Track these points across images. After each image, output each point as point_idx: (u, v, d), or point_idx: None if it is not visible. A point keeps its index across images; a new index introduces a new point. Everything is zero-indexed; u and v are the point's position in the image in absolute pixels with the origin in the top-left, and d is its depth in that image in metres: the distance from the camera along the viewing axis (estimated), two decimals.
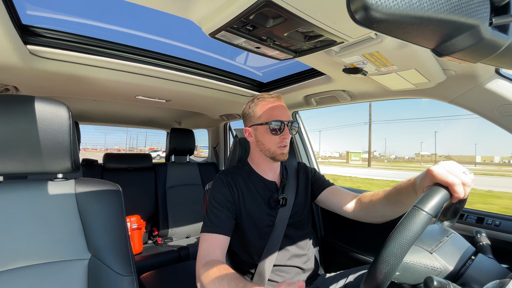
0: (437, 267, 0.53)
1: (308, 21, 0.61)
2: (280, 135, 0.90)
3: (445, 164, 0.58)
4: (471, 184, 0.57)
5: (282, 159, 0.93)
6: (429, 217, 0.47)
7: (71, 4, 1.29)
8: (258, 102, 0.96)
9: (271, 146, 0.92)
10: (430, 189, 0.52)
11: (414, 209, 0.48)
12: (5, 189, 0.73)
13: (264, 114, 0.93)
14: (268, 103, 0.94)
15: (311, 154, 1.84)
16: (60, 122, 0.75)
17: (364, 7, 0.24)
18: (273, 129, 0.90)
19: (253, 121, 0.96)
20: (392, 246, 0.45)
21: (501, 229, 0.94)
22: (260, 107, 0.94)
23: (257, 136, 0.95)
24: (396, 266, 0.45)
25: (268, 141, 0.92)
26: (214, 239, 0.81)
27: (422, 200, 0.49)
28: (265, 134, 0.92)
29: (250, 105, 0.98)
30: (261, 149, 0.94)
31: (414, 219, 0.46)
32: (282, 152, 0.92)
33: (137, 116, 2.79)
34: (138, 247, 1.87)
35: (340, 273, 0.99)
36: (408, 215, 0.48)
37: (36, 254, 0.72)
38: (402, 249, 0.45)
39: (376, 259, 0.46)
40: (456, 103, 1.02)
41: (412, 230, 0.46)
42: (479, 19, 0.28)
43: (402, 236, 0.45)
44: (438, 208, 0.49)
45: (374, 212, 0.85)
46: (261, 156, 0.97)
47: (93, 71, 1.18)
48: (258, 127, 0.94)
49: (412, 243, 0.45)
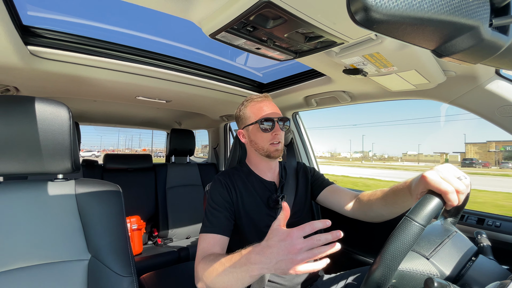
0: (433, 273, 0.53)
1: (308, 22, 0.62)
2: (271, 132, 0.93)
3: (440, 170, 0.56)
4: (466, 190, 0.55)
5: (277, 156, 0.95)
6: (421, 228, 0.47)
7: (72, 5, 1.30)
8: (247, 104, 0.98)
9: (264, 144, 0.93)
10: (423, 198, 0.52)
11: (406, 219, 0.48)
12: (5, 189, 0.73)
13: (253, 114, 0.95)
14: (256, 103, 0.97)
15: (311, 154, 1.83)
16: (61, 123, 0.75)
17: (364, 8, 0.24)
18: (263, 127, 0.92)
19: (244, 123, 0.98)
20: (385, 257, 0.46)
21: (501, 230, 0.94)
22: (249, 108, 0.97)
23: (250, 137, 0.97)
24: (390, 276, 0.45)
25: (260, 139, 0.94)
26: (212, 239, 0.81)
27: (414, 210, 0.49)
28: (257, 133, 0.94)
29: (240, 108, 1.00)
30: (255, 149, 0.96)
31: (406, 230, 0.47)
32: (276, 149, 0.93)
33: (137, 117, 2.79)
34: (138, 247, 1.87)
35: (340, 274, 0.98)
36: (400, 226, 0.48)
37: (36, 254, 0.72)
38: (394, 260, 0.45)
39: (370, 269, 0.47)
40: (456, 104, 1.02)
41: (404, 241, 0.46)
42: (479, 20, 0.28)
43: (394, 247, 0.46)
44: (430, 218, 0.49)
45: (372, 212, 0.85)
46: (256, 156, 0.98)
47: (93, 72, 1.18)
48: (249, 127, 0.96)
49: (405, 254, 0.46)
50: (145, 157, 2.39)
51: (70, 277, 0.73)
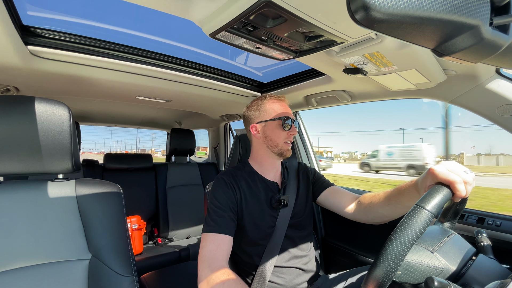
0: (438, 266, 0.53)
1: (308, 21, 0.61)
2: (289, 131, 0.95)
3: (446, 164, 0.59)
4: (473, 182, 0.57)
5: (288, 155, 0.97)
6: (431, 216, 0.46)
7: (72, 5, 1.29)
8: (265, 100, 0.99)
9: (279, 142, 0.95)
10: (432, 188, 0.53)
11: (416, 207, 0.48)
12: (6, 189, 0.73)
13: (274, 110, 0.97)
14: (276, 101, 0.99)
15: (311, 154, 1.83)
16: (61, 123, 0.75)
17: (364, 7, 0.24)
18: (285, 125, 0.94)
19: (262, 118, 0.98)
20: (394, 244, 0.45)
21: (502, 229, 0.94)
22: (269, 104, 0.98)
23: (265, 132, 0.97)
24: (398, 264, 0.45)
25: (278, 136, 0.95)
26: (219, 240, 0.80)
27: (424, 198, 0.49)
28: (276, 130, 0.95)
29: (258, 102, 1.00)
30: (269, 145, 0.96)
31: (416, 218, 0.46)
32: (288, 148, 0.96)
33: (137, 117, 2.79)
34: (139, 247, 1.87)
35: (341, 274, 0.98)
36: (410, 213, 0.47)
37: (36, 254, 0.72)
38: (404, 247, 0.45)
39: (378, 257, 0.46)
40: (457, 103, 1.02)
41: (414, 228, 0.45)
42: (480, 19, 0.28)
43: (404, 235, 0.45)
44: (440, 207, 0.49)
45: (373, 213, 0.85)
46: (266, 153, 0.98)
47: (93, 72, 1.18)
48: (268, 123, 0.96)
49: (414, 241, 0.45)
50: (146, 157, 2.39)
51: (71, 277, 0.74)
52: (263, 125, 0.97)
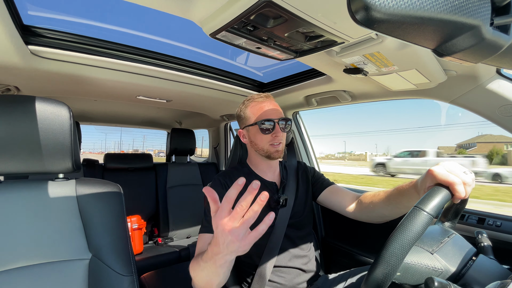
0: (438, 267, 0.53)
1: (308, 21, 0.61)
2: (272, 133, 0.92)
3: (446, 165, 0.58)
4: (472, 183, 0.57)
5: (277, 157, 0.94)
6: (430, 217, 0.46)
7: (72, 5, 1.30)
8: (248, 103, 0.98)
9: (263, 145, 0.93)
10: (431, 189, 0.52)
11: (415, 209, 0.48)
12: (6, 189, 0.73)
13: (253, 114, 0.95)
14: (257, 104, 0.96)
15: (311, 154, 1.83)
16: (61, 122, 0.75)
17: (365, 7, 0.24)
18: (263, 129, 0.91)
19: (245, 123, 0.98)
20: (393, 246, 0.45)
21: (502, 229, 0.94)
22: (250, 109, 0.96)
23: (250, 137, 0.97)
24: (397, 266, 0.45)
25: (260, 140, 0.93)
26: (209, 239, 0.80)
27: (423, 200, 0.49)
28: (257, 134, 0.93)
29: (241, 107, 0.99)
30: (256, 149, 0.96)
31: (415, 220, 0.46)
32: (276, 150, 0.93)
33: (137, 116, 2.79)
34: (139, 247, 1.87)
35: (341, 274, 0.98)
36: (409, 215, 0.47)
37: (36, 254, 0.72)
38: (403, 249, 0.45)
39: (377, 259, 0.46)
40: (457, 104, 1.02)
41: (413, 230, 0.45)
42: (480, 19, 0.28)
43: (403, 237, 0.45)
44: (439, 208, 0.48)
45: (374, 213, 0.85)
46: (257, 156, 0.98)
47: (94, 71, 1.18)
48: (249, 128, 0.95)
49: (413, 243, 0.45)
50: (146, 157, 2.39)
51: (71, 276, 0.74)
52: (247, 130, 0.97)
